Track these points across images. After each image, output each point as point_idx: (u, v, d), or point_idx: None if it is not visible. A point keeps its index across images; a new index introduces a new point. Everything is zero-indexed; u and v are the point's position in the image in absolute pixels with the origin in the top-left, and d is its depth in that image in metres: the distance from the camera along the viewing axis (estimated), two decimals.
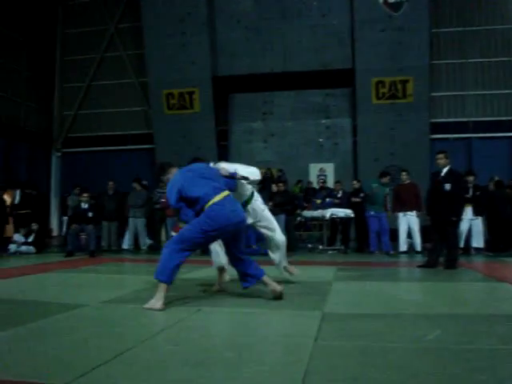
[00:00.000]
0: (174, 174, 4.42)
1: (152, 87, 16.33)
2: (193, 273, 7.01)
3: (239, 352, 2.60)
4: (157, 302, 3.90)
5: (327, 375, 2.27)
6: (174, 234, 11.01)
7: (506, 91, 15.98)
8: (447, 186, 7.31)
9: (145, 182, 12.57)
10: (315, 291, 4.90)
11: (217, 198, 4.14)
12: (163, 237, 12.19)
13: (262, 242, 10.03)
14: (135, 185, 12.00)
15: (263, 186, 12.38)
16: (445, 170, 7.46)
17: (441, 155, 7.51)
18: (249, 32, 15.86)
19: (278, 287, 4.26)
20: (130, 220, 11.83)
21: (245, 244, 9.56)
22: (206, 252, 5.78)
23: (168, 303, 4.08)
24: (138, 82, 17.41)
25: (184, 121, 15.96)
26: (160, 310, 3.85)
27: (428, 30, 15.01)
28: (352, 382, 2.18)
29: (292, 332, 3.18)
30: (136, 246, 12.01)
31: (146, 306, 3.92)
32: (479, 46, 16.28)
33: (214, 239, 4.35)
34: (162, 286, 3.96)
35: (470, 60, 16.22)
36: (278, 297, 4.23)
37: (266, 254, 5.68)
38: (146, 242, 12.02)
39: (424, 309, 4.07)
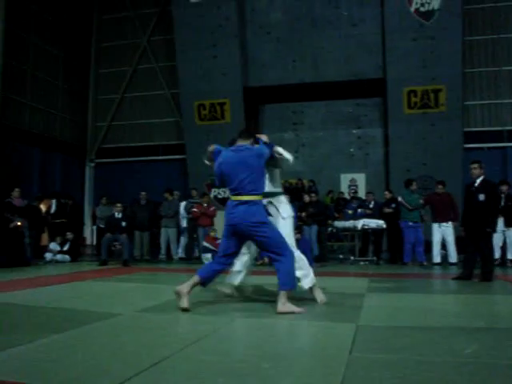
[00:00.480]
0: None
1: (183, 98, 16.56)
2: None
3: (275, 363, 2.61)
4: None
5: None
6: (205, 243, 11.15)
7: None
8: (481, 197, 7.17)
9: (177, 193, 12.71)
10: (349, 303, 4.87)
11: (232, 198, 4.46)
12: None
13: None
14: (167, 195, 12.15)
15: (295, 197, 12.39)
16: (478, 180, 7.32)
17: (475, 165, 7.37)
18: (279, 43, 15.97)
19: (280, 308, 4.17)
20: (162, 230, 11.98)
21: None
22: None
23: (203, 312, 4.12)
24: (169, 94, 17.69)
25: (215, 131, 16.11)
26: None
27: (460, 38, 14.84)
28: None
29: (327, 344, 3.17)
30: (168, 256, 12.15)
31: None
32: None
33: (228, 239, 4.50)
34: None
35: (503, 68, 15.97)
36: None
37: None
38: (177, 251, 12.16)
39: (460, 322, 4.00)
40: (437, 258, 10.21)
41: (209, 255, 10.82)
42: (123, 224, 10.79)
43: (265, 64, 16.01)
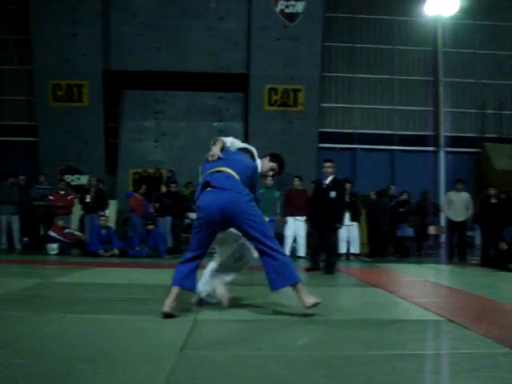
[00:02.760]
0: None
1: (37, 76, 15.36)
2: (69, 276, 6.64)
3: (96, 364, 2.42)
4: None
5: None
6: (51, 233, 10.44)
7: (388, 107, 17.03)
8: (332, 194, 7.55)
9: (23, 177, 11.74)
10: (191, 297, 4.76)
11: None
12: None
13: (147, 244, 9.81)
14: (11, 179, 11.19)
15: (152, 187, 12.12)
16: (330, 178, 7.67)
17: (329, 163, 7.73)
18: (145, 28, 15.46)
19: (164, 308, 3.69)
20: (2, 217, 10.99)
21: (129, 245, 9.25)
22: None
23: (32, 310, 3.78)
24: (22, 70, 16.27)
25: (71, 114, 15.19)
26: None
27: (320, 42, 15.57)
28: None
29: (158, 341, 3.03)
30: (10, 245, 11.20)
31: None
32: (366, 63, 17.20)
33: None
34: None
35: (357, 75, 17.07)
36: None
37: (151, 256, 5.51)
38: (21, 240, 11.26)
39: (297, 315, 4.09)
40: (287, 251, 10.58)
41: (54, 245, 10.17)
42: None
43: (128, 48, 15.39)
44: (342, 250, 10.85)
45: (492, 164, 16.61)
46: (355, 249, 11.07)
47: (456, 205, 10.49)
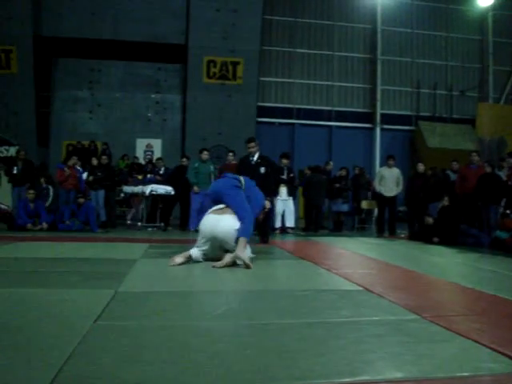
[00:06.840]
0: None
1: None
2: None
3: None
4: None
5: (91, 358, 2.13)
6: None
7: (328, 83, 17.20)
8: (262, 170, 7.98)
9: None
10: (117, 269, 4.70)
11: None
12: None
13: (78, 218, 9.56)
14: None
15: (86, 160, 11.79)
16: (257, 155, 8.09)
17: (253, 144, 8.09)
18: None
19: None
20: None
21: (60, 219, 8.99)
22: None
23: None
24: None
25: None
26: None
27: (260, 15, 15.45)
28: (120, 364, 2.07)
29: (73, 313, 2.96)
30: None
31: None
32: (307, 38, 17.27)
33: None
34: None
35: (297, 50, 17.10)
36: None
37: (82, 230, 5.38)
38: None
39: (220, 285, 4.12)
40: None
41: None
42: None
43: (61, 13, 14.70)
44: (278, 224, 11.00)
45: (425, 142, 17.19)
46: (291, 223, 11.22)
47: (387, 180, 10.79)
